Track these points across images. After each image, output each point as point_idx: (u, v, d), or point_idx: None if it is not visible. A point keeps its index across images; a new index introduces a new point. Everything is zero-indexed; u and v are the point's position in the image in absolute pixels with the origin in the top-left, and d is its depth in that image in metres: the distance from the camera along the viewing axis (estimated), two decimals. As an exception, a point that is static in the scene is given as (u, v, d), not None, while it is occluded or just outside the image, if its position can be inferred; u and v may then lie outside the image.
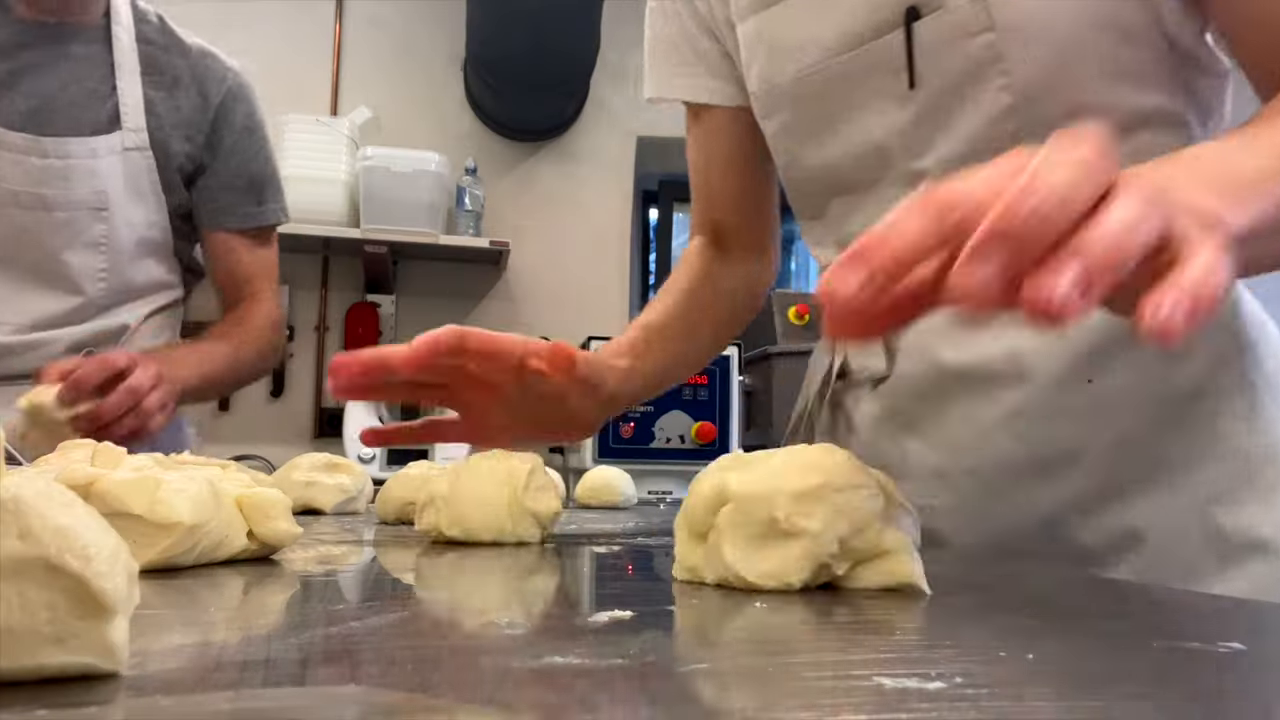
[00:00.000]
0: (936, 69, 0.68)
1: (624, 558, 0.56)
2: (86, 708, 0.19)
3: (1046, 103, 0.66)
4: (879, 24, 0.70)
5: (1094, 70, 0.66)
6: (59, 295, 1.23)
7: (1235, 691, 0.25)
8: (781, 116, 0.80)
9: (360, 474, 0.95)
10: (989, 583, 0.50)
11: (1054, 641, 0.31)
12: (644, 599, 0.36)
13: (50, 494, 0.22)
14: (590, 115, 3.23)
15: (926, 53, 0.68)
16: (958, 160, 0.69)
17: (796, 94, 0.77)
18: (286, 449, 2.91)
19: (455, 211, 2.97)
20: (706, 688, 0.23)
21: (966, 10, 0.65)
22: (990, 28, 0.65)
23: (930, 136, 0.71)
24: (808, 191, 0.83)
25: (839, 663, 0.26)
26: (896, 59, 0.69)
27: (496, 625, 0.30)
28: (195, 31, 1.38)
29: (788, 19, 0.77)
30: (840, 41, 0.72)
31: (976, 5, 0.65)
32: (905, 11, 0.68)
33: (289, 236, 2.75)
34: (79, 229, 1.22)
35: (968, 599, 0.42)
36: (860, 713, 0.20)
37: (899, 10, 0.68)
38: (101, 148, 1.23)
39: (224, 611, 0.36)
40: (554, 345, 0.68)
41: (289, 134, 2.79)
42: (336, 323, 3.07)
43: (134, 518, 0.42)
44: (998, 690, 0.23)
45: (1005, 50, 0.65)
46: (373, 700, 0.21)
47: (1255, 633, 0.35)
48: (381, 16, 3.17)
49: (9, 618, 0.20)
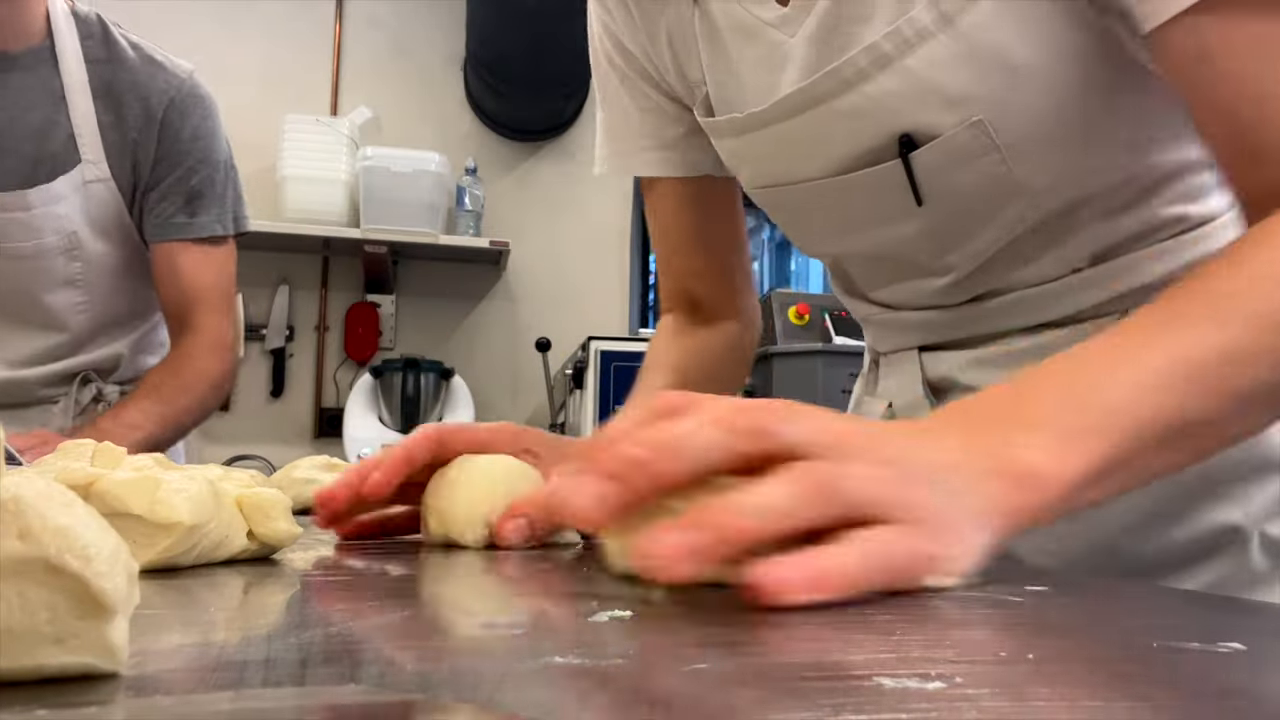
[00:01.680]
0: (943, 188, 0.64)
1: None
2: (86, 708, 0.19)
3: (1067, 192, 0.63)
4: (874, 154, 0.65)
5: (1109, 156, 0.63)
6: (44, 333, 1.22)
7: (1235, 691, 0.25)
8: (777, 215, 0.76)
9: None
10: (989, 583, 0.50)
11: (1054, 641, 0.31)
12: (644, 599, 0.36)
13: (50, 494, 0.22)
14: (590, 115, 3.23)
15: (930, 175, 0.64)
16: (981, 256, 0.67)
17: (790, 201, 0.73)
18: (286, 449, 2.91)
19: (455, 211, 2.97)
20: (706, 688, 0.23)
21: (965, 135, 0.61)
22: (994, 148, 0.61)
23: (947, 242, 0.68)
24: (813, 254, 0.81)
25: (839, 663, 0.26)
26: (898, 181, 0.64)
27: (496, 625, 0.30)
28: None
29: (768, 154, 0.72)
30: (833, 168, 0.67)
31: (975, 129, 0.60)
32: (899, 141, 0.63)
33: (289, 237, 2.78)
34: (53, 272, 1.19)
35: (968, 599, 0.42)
36: (860, 713, 0.20)
37: (892, 141, 0.63)
38: (63, 188, 1.18)
39: (224, 611, 0.36)
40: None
41: (289, 134, 2.79)
42: (336, 323, 3.07)
43: (134, 518, 0.42)
44: (998, 690, 0.23)
45: (1014, 164, 0.61)
46: (373, 700, 0.21)
47: (1255, 633, 0.35)
48: (381, 17, 3.17)
49: (9, 618, 0.20)
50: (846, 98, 0.63)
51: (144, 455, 0.49)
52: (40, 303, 1.20)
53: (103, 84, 1.21)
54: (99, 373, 1.28)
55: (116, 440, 0.63)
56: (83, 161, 1.19)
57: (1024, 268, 0.68)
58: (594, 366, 2.44)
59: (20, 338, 1.20)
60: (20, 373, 1.21)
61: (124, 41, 1.24)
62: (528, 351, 2.90)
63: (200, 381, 1.26)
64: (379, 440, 2.71)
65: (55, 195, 1.17)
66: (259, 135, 2.73)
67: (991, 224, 0.65)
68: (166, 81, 1.24)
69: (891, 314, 0.77)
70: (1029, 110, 0.60)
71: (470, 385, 2.92)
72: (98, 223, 1.21)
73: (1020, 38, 0.58)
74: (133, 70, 1.23)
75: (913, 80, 0.60)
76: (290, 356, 3.03)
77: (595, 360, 2.44)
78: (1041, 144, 0.61)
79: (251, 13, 3.03)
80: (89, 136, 1.20)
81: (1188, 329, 0.45)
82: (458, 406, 2.87)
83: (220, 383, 1.29)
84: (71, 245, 1.19)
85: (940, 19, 0.58)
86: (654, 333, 0.94)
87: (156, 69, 1.25)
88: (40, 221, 1.16)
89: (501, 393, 3.12)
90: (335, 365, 3.06)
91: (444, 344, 3.10)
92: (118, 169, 1.22)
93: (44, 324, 1.21)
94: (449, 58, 3.18)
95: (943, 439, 0.41)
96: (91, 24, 1.23)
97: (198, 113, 1.27)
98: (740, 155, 0.74)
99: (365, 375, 2.87)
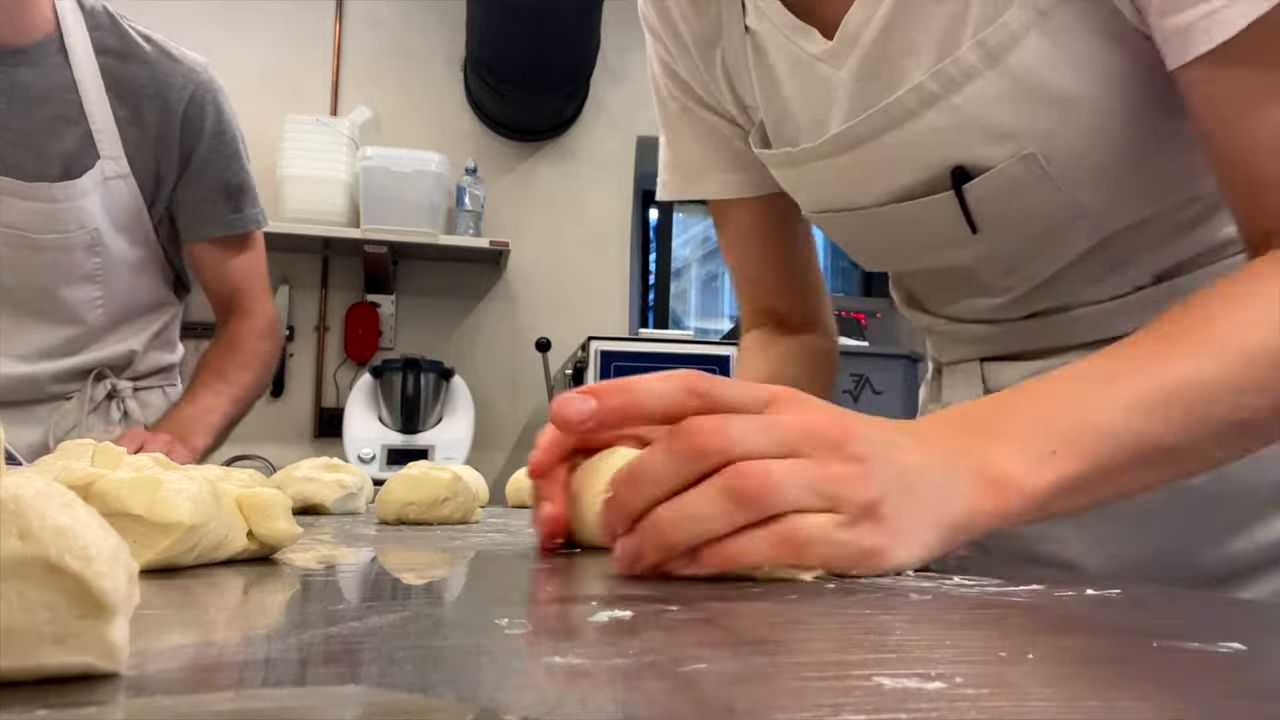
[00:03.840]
0: (999, 215, 0.64)
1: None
2: (86, 708, 0.19)
3: (1127, 216, 0.63)
4: (927, 185, 0.65)
5: (1168, 179, 0.63)
6: (60, 326, 1.22)
7: (1235, 691, 0.25)
8: (835, 235, 0.76)
9: (360, 474, 0.95)
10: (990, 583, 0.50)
11: (1054, 641, 0.31)
12: (644, 599, 0.36)
13: (50, 494, 0.22)
14: (590, 115, 3.24)
15: (984, 205, 0.63)
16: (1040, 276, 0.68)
17: (848, 225, 0.73)
18: (286, 449, 2.91)
19: (455, 211, 2.98)
20: (706, 688, 0.23)
21: (1018, 168, 0.61)
22: (1048, 179, 0.61)
23: (1007, 264, 0.68)
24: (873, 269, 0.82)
25: (839, 663, 0.26)
26: (953, 211, 0.64)
27: (497, 625, 0.30)
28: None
29: (823, 183, 0.72)
30: (888, 198, 0.68)
31: (1027, 161, 0.60)
32: (951, 174, 0.63)
33: (289, 237, 2.77)
34: (73, 266, 1.20)
35: (969, 599, 0.42)
36: (860, 713, 0.20)
37: (945, 173, 0.63)
38: (85, 185, 1.18)
39: (224, 611, 0.36)
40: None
41: (289, 134, 2.79)
42: (336, 323, 3.07)
43: (134, 518, 0.42)
44: (998, 690, 0.23)
45: (1070, 192, 0.61)
46: (373, 700, 0.21)
47: (1255, 633, 0.35)
48: (381, 16, 3.17)
49: (9, 618, 0.20)
50: (895, 134, 0.63)
51: (144, 455, 0.49)
52: (58, 296, 1.20)
53: (116, 78, 1.20)
54: (112, 369, 1.28)
55: (199, 425, 0.63)
56: (102, 158, 1.19)
57: (1086, 287, 0.69)
58: (594, 366, 2.44)
59: (36, 331, 1.20)
60: (34, 367, 1.20)
61: (135, 34, 1.23)
62: (528, 351, 2.90)
63: (257, 361, 1.34)
64: (379, 440, 2.71)
65: (80, 190, 1.17)
66: (259, 135, 2.72)
67: (1049, 247, 0.65)
68: (184, 77, 1.24)
69: (953, 325, 0.79)
70: (1081, 140, 0.60)
71: (470, 385, 2.92)
72: (117, 219, 1.22)
73: (1068, 71, 0.58)
74: (149, 65, 1.22)
75: (961, 117, 0.60)
76: (290, 356, 3.03)
77: (595, 360, 2.44)
78: (1096, 172, 0.61)
79: (251, 13, 3.03)
80: (106, 132, 1.19)
81: (1176, 358, 0.47)
82: (458, 407, 2.87)
83: (273, 361, 1.38)
84: (93, 240, 1.19)
85: (987, 57, 0.58)
86: (738, 351, 0.95)
87: (173, 63, 1.24)
88: (65, 214, 1.17)
89: (501, 393, 3.12)
90: (335, 365, 3.06)
91: (444, 344, 3.10)
92: (138, 166, 1.22)
93: (60, 318, 1.21)
94: (449, 58, 3.18)
95: (926, 440, 0.44)
96: (100, 15, 1.22)
97: (217, 104, 1.28)
98: (796, 184, 0.75)
99: (365, 375, 2.87)
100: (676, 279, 3.59)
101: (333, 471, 0.93)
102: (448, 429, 2.81)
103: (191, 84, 1.24)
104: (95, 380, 1.26)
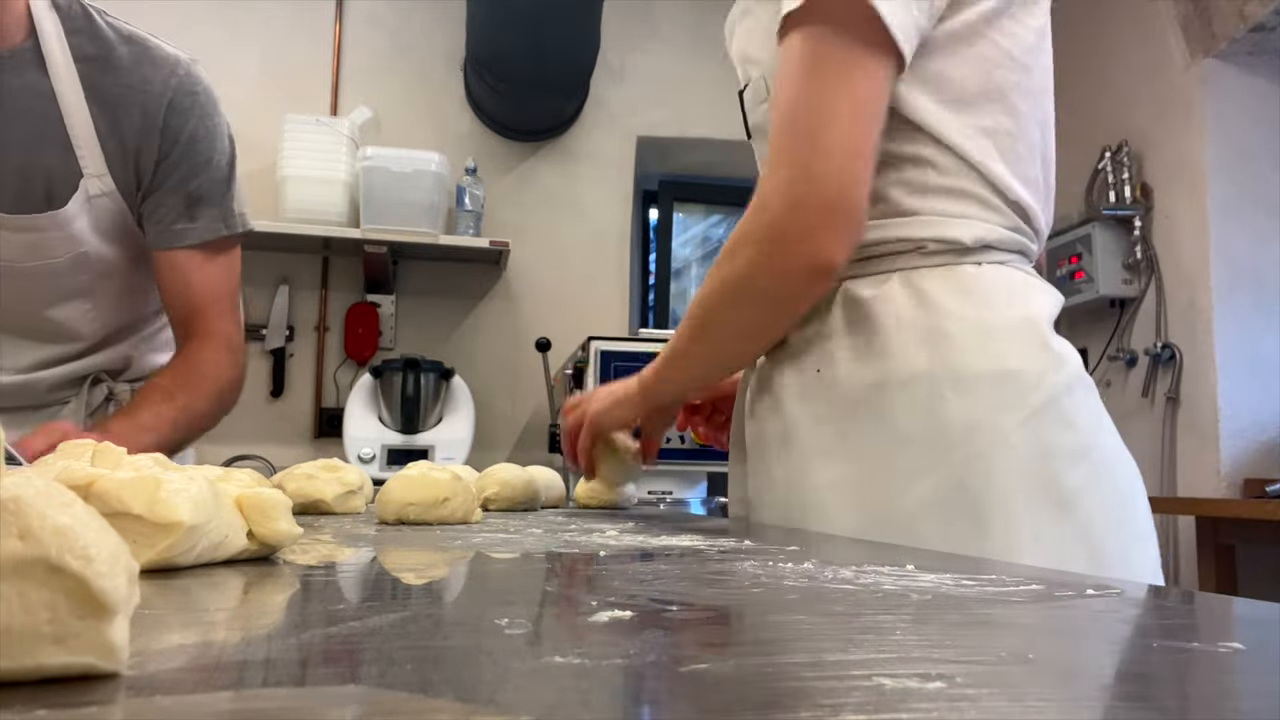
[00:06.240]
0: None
1: (623, 558, 0.56)
2: (86, 708, 0.19)
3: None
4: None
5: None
6: (54, 344, 1.20)
7: (1235, 691, 0.25)
8: None
9: (360, 473, 0.95)
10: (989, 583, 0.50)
11: (1054, 641, 0.31)
12: (644, 599, 0.36)
13: (50, 494, 0.22)
14: (590, 115, 3.23)
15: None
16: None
17: None
18: (286, 449, 2.91)
19: (455, 211, 2.97)
20: (706, 688, 0.23)
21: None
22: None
23: None
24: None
25: (839, 663, 0.26)
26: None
27: (496, 625, 0.30)
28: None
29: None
30: None
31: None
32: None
33: (289, 237, 2.78)
34: (61, 287, 1.16)
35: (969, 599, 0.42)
36: (860, 713, 0.20)
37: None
38: (72, 212, 1.12)
39: (224, 611, 0.36)
40: None
41: (289, 134, 2.79)
42: (336, 323, 3.07)
43: (134, 518, 0.42)
44: (998, 690, 0.23)
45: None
46: (373, 700, 0.21)
47: (1255, 633, 0.35)
48: (381, 16, 3.17)
49: (9, 618, 0.20)
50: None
51: (144, 455, 0.49)
52: (47, 316, 1.17)
53: (96, 87, 1.13)
54: (109, 373, 1.26)
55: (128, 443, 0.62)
56: (85, 175, 1.13)
57: None
58: (594, 366, 2.44)
59: (30, 349, 1.18)
60: (30, 376, 1.18)
61: (112, 34, 1.16)
62: (528, 351, 2.89)
63: (211, 386, 1.21)
64: (379, 440, 2.71)
65: (67, 218, 1.12)
66: (259, 135, 2.73)
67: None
68: (163, 81, 1.17)
69: None
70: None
71: (470, 385, 2.92)
72: (105, 233, 1.17)
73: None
74: (126, 71, 1.15)
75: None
76: (290, 356, 3.03)
77: (595, 360, 2.44)
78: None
79: (251, 13, 3.03)
80: (88, 146, 1.13)
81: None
82: (458, 406, 2.87)
83: (231, 387, 1.25)
84: (79, 262, 1.15)
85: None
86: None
87: (151, 66, 1.16)
88: (52, 242, 1.12)
89: (501, 393, 3.12)
90: (335, 365, 3.06)
91: (444, 344, 3.10)
92: (120, 178, 1.16)
93: (54, 336, 1.19)
94: (449, 58, 3.18)
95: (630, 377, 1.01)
96: (75, 15, 1.14)
97: (197, 111, 1.19)
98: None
99: (365, 375, 2.86)
100: (676, 279, 3.58)
101: (333, 472, 0.93)
102: (448, 429, 2.81)
103: (170, 89, 1.17)
104: (92, 385, 1.25)
